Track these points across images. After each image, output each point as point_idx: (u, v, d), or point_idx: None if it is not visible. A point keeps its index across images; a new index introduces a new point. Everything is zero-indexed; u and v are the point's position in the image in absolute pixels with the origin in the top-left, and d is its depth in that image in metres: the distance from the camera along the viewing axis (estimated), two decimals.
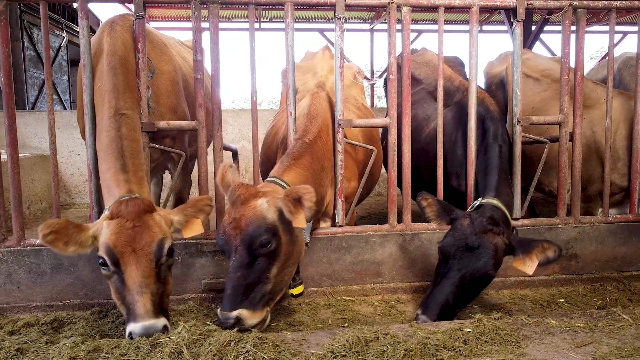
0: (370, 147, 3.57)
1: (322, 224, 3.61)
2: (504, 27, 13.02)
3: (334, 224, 3.56)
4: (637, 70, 3.76)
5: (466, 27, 13.21)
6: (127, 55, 3.19)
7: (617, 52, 5.70)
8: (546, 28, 11.98)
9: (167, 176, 5.12)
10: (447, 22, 14.09)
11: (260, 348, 2.17)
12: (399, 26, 3.53)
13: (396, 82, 3.55)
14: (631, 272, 3.81)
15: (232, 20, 15.05)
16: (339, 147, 3.45)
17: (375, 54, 15.51)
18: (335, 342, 2.24)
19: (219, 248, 2.72)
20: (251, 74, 3.44)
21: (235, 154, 5.37)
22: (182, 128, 3.37)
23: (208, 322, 2.54)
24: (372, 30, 15.03)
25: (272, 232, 2.56)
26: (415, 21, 14.65)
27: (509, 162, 3.62)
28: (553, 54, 11.56)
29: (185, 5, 3.41)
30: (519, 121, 3.61)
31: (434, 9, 3.56)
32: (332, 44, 11.31)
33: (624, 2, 3.68)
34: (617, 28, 13.40)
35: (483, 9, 3.56)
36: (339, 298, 3.51)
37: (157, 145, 3.36)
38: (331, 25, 14.70)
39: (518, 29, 3.60)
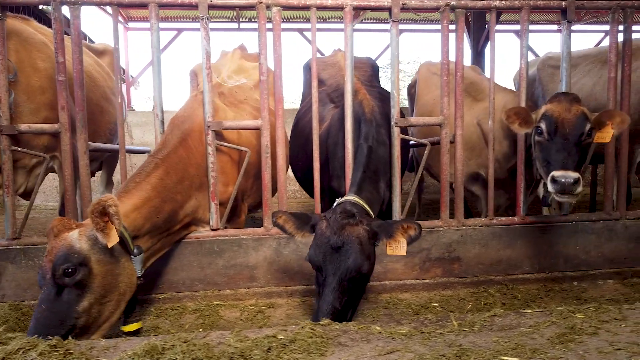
0: (243, 148, 3.52)
1: (200, 229, 3.56)
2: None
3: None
4: (490, 73, 3.73)
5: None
6: None
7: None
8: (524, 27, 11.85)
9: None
10: (434, 22, 13.94)
11: (47, 356, 2.12)
12: (270, 25, 3.48)
13: (267, 83, 3.48)
14: (516, 275, 3.76)
15: (213, 20, 14.94)
16: (210, 150, 3.41)
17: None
18: (129, 350, 2.20)
19: (39, 285, 2.63)
20: (116, 73, 3.39)
21: None
22: (45, 131, 3.33)
23: None
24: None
25: (79, 260, 2.51)
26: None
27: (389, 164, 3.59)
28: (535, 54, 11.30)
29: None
30: (396, 123, 3.56)
31: (305, 8, 3.51)
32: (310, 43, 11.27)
33: (503, 2, 3.62)
34: (600, 27, 13.24)
35: (354, 7, 3.50)
36: (210, 303, 3.46)
37: (19, 149, 3.32)
38: (310, 25, 14.48)
39: (394, 29, 3.54)
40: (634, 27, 3.80)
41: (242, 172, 3.53)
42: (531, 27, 14.67)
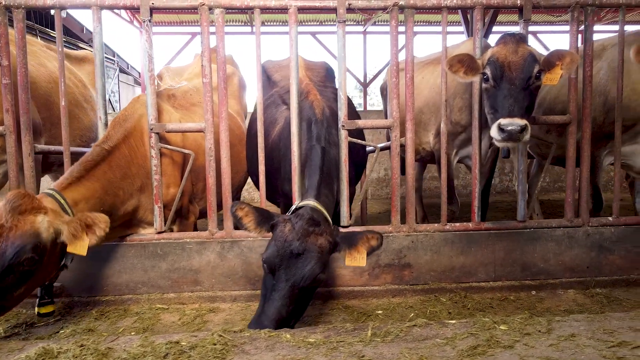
0: (187, 151, 3.50)
1: (142, 231, 3.56)
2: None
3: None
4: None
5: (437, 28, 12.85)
6: None
7: None
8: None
9: None
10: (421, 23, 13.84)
11: None
12: (213, 28, 3.45)
13: (210, 85, 3.46)
14: (470, 283, 3.63)
15: (228, 24, 15.01)
16: (153, 153, 3.40)
17: (368, 56, 15.21)
18: (24, 354, 2.19)
19: None
20: (60, 74, 3.42)
21: None
22: None
23: None
24: (364, 33, 14.75)
25: (40, 252, 2.52)
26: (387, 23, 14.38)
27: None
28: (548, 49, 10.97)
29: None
30: (343, 125, 3.48)
31: (250, 9, 3.46)
32: (325, 47, 11.37)
33: (454, 1, 3.51)
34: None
35: (299, 8, 3.45)
36: (153, 306, 3.44)
37: None
38: (324, 28, 14.56)
39: (341, 30, 3.47)
40: (595, 27, 3.61)
41: (187, 174, 3.51)
42: (546, 28, 14.54)
